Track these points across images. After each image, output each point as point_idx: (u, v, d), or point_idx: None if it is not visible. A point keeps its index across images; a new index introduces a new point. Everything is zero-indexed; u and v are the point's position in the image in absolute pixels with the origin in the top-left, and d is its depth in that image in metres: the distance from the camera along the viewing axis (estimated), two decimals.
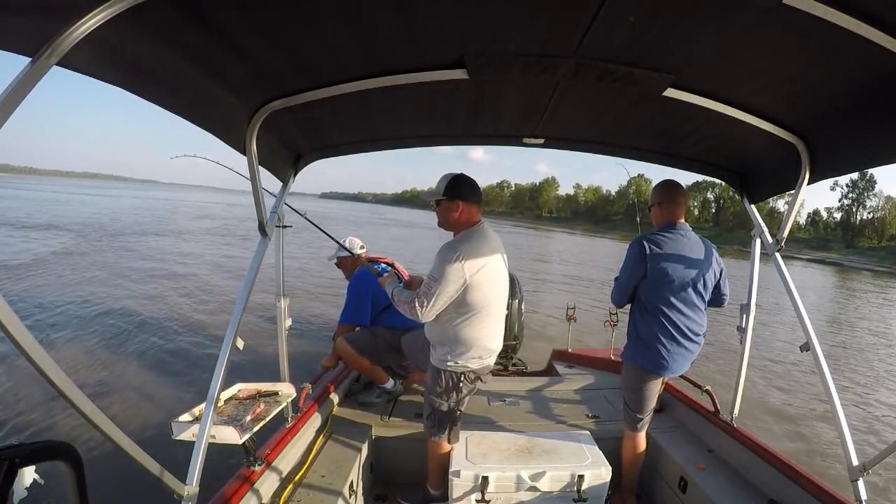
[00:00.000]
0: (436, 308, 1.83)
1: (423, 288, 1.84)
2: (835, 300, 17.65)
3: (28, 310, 6.80)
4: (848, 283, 25.53)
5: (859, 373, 7.36)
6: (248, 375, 2.09)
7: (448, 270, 1.79)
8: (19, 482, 0.76)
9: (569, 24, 1.17)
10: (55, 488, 0.83)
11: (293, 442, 2.04)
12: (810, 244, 61.71)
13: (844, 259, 49.81)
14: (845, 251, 56.85)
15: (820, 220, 73.94)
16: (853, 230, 65.27)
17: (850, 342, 9.69)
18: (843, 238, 64.19)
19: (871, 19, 0.99)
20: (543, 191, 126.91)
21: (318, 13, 1.09)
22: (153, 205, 42.10)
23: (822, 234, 68.61)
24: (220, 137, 1.56)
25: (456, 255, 1.80)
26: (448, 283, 1.79)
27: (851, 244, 60.91)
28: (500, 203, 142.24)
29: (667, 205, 2.10)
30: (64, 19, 0.81)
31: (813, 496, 1.72)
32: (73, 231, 17.58)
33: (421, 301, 1.82)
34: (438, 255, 1.85)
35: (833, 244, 61.93)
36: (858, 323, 12.39)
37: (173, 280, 10.04)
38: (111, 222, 23.07)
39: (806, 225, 74.24)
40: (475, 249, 1.84)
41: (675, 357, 2.01)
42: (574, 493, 1.89)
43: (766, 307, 11.27)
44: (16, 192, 50.01)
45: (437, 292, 1.80)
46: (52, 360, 0.86)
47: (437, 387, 1.97)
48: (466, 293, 1.83)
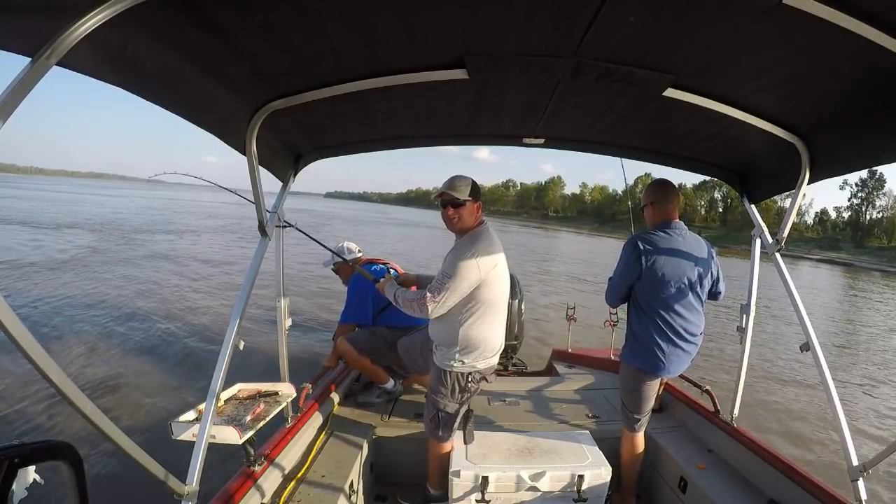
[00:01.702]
0: (448, 304, 1.84)
1: (435, 283, 1.85)
2: (850, 302, 17.34)
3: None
4: (859, 284, 25.12)
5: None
6: (248, 375, 2.09)
7: (464, 267, 1.81)
8: (19, 482, 0.76)
9: (569, 24, 1.17)
10: (55, 488, 0.83)
11: (293, 442, 2.04)
12: (819, 244, 61.28)
13: (854, 259, 49.22)
14: (855, 251, 56.36)
15: (828, 219, 73.45)
16: (863, 230, 64.76)
17: (868, 344, 9.57)
18: (853, 238, 63.67)
19: (871, 19, 0.99)
20: (549, 190, 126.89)
21: (318, 13, 1.09)
22: (161, 205, 42.32)
23: (831, 233, 68.06)
24: (220, 137, 1.56)
25: (472, 252, 1.84)
26: (462, 279, 1.81)
27: (861, 244, 60.47)
28: (505, 203, 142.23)
29: (659, 204, 2.10)
30: (64, 19, 0.81)
31: (813, 496, 1.72)
32: (98, 231, 18.36)
33: (433, 296, 1.82)
34: (453, 252, 1.88)
35: (842, 244, 61.43)
36: (884, 322, 12.24)
37: (182, 278, 10.08)
38: (126, 221, 23.80)
39: (814, 224, 73.69)
40: (488, 248, 1.88)
41: (672, 358, 2.01)
42: (574, 493, 1.89)
43: (777, 307, 11.23)
44: (27, 192, 50.37)
45: (450, 287, 1.81)
46: (52, 360, 0.86)
47: (441, 388, 1.97)
48: (478, 290, 1.86)
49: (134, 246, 15.18)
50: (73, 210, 28.73)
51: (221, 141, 1.56)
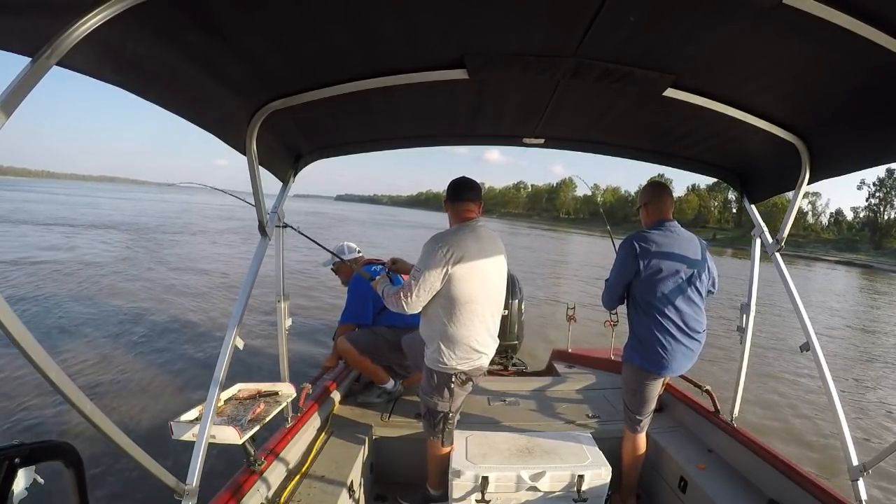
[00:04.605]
0: (420, 298, 1.84)
1: (408, 278, 1.88)
2: (875, 306, 16.59)
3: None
4: (881, 287, 23.96)
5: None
6: (248, 375, 2.09)
7: (430, 259, 1.82)
8: (19, 482, 0.76)
9: (569, 24, 1.17)
10: (55, 488, 0.83)
11: (293, 442, 2.04)
12: (837, 245, 60.38)
13: (874, 261, 48.00)
14: (874, 252, 55.37)
15: (843, 220, 72.43)
16: (881, 230, 63.62)
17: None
18: (871, 239, 62.63)
19: (871, 19, 0.99)
20: (561, 192, 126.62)
21: (318, 13, 1.09)
22: (175, 208, 42.51)
23: (847, 234, 66.94)
24: (221, 137, 1.56)
25: (438, 244, 1.84)
26: (430, 271, 1.81)
27: (879, 245, 59.46)
28: (516, 204, 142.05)
29: (653, 204, 2.13)
30: (64, 19, 0.81)
31: (813, 496, 1.72)
32: (129, 231, 19.43)
33: (406, 291, 1.85)
34: (424, 246, 1.89)
35: (860, 245, 60.54)
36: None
37: (196, 275, 10.12)
38: (147, 222, 24.40)
39: (829, 225, 72.71)
40: (460, 242, 1.86)
41: (675, 355, 2.00)
42: (574, 493, 1.89)
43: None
44: (45, 195, 50.57)
45: (419, 280, 1.82)
46: (52, 360, 0.86)
47: (429, 387, 1.98)
48: (450, 286, 1.84)
49: (161, 246, 15.60)
50: (107, 213, 29.34)
51: (221, 141, 1.56)
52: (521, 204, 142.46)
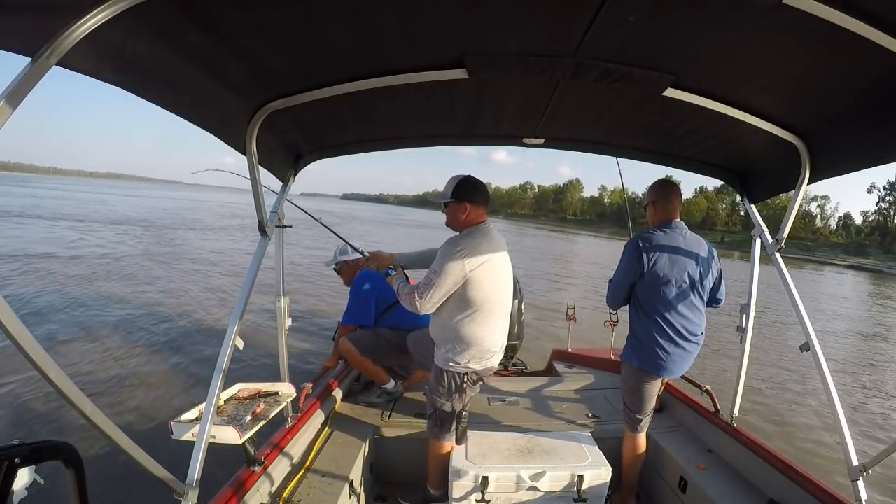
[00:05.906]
0: (433, 300, 1.85)
1: (423, 279, 1.88)
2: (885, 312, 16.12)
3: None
4: (890, 292, 23.33)
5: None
6: (248, 375, 2.09)
7: (449, 264, 1.82)
8: (19, 482, 0.76)
9: (569, 24, 1.17)
10: (55, 488, 0.83)
11: (293, 442, 2.04)
12: (846, 249, 59.89)
13: (884, 265, 47.58)
14: (883, 257, 54.95)
15: (852, 223, 71.92)
16: (891, 235, 63.17)
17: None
18: (881, 243, 62.12)
19: (872, 19, 0.99)
20: (567, 193, 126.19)
21: (318, 13, 1.09)
22: (183, 205, 42.68)
23: (857, 238, 66.37)
24: (220, 137, 1.56)
25: (457, 249, 1.84)
26: (447, 275, 1.82)
27: (889, 249, 59.00)
28: (522, 205, 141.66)
29: (661, 203, 2.12)
30: (64, 19, 0.81)
31: (813, 496, 1.72)
32: (144, 226, 20.03)
33: (420, 291, 1.86)
34: (441, 249, 1.89)
35: (870, 249, 60.04)
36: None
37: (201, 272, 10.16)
38: (159, 219, 24.85)
39: (838, 229, 72.23)
40: (477, 245, 1.87)
41: (674, 358, 2.01)
42: (574, 493, 1.89)
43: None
44: (54, 192, 50.74)
45: (436, 283, 1.83)
46: (52, 360, 0.86)
47: (439, 387, 1.98)
48: (467, 288, 1.85)
49: (169, 243, 15.69)
50: (119, 210, 29.57)
51: (221, 141, 1.56)
52: (527, 205, 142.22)
